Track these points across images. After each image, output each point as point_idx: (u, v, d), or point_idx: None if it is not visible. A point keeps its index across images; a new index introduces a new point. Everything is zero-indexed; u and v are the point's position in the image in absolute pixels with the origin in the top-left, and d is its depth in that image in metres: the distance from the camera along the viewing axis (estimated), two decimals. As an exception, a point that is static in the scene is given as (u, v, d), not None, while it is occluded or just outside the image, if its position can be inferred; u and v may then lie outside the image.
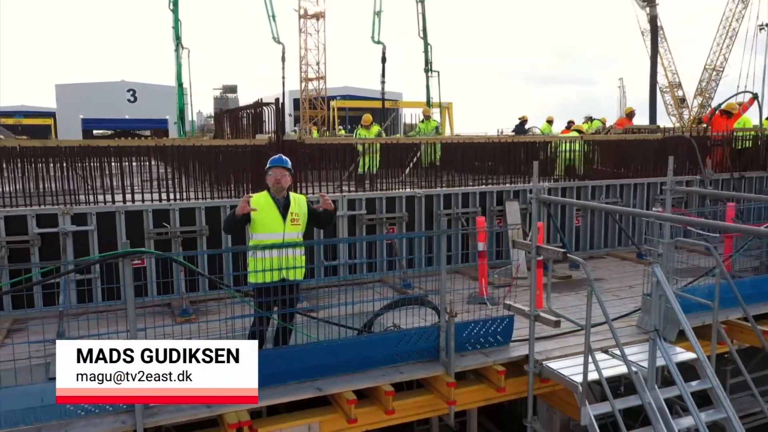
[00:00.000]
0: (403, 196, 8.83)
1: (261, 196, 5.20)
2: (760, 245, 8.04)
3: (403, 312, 5.68)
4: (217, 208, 7.71)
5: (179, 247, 7.46)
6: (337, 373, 5.00)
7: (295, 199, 5.30)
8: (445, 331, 5.20)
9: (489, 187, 9.57)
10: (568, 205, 10.04)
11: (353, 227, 8.54)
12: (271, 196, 5.19)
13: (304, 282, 5.62)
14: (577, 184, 10.18)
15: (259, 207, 5.09)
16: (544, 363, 5.38)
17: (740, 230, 6.74)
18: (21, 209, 6.98)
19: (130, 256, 4.26)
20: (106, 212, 7.22)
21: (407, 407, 5.21)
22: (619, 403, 4.90)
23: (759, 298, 7.13)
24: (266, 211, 5.11)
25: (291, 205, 5.20)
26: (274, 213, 5.13)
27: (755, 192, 11.78)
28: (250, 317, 5.28)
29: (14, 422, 4.16)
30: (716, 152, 11.96)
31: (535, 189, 5.61)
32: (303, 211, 5.28)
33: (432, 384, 5.32)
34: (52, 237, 6.96)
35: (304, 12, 49.59)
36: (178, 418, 4.45)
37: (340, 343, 5.16)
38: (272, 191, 5.21)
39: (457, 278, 7.86)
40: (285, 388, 4.83)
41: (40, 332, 5.81)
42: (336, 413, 4.93)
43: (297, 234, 5.19)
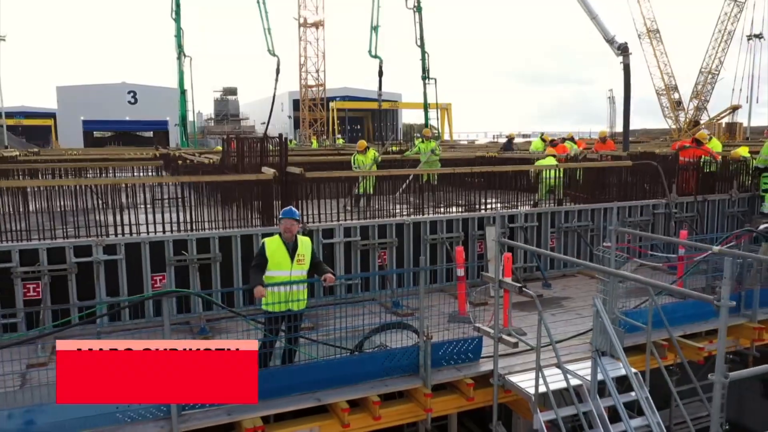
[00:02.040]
0: (393, 223, 9.90)
1: (274, 240, 6.27)
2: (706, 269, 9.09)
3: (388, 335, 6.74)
4: (229, 237, 8.77)
5: (196, 272, 8.53)
6: (333, 386, 6.07)
7: (302, 241, 6.37)
8: (423, 350, 6.27)
9: (471, 213, 10.63)
10: (546, 223, 11.12)
11: (349, 251, 9.61)
12: (282, 240, 6.25)
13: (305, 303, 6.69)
14: (552, 210, 11.25)
15: (272, 250, 6.17)
16: (506, 377, 6.45)
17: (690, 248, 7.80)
18: (60, 241, 8.05)
19: (171, 294, 5.32)
20: (133, 243, 8.29)
21: (391, 414, 6.29)
22: (565, 411, 5.97)
23: (701, 317, 8.21)
24: (278, 253, 6.19)
25: (299, 248, 6.27)
26: (284, 254, 6.20)
27: (718, 213, 12.87)
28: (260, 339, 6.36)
29: (77, 428, 5.21)
30: (684, 176, 13.03)
31: (497, 233, 6.63)
32: (308, 252, 6.35)
33: (412, 395, 6.39)
34: (86, 265, 8.02)
35: (303, 21, 50.80)
36: (205, 423, 5.51)
37: (335, 361, 6.24)
38: (283, 237, 6.27)
39: (441, 296, 8.97)
40: (290, 399, 5.91)
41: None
42: (332, 419, 6.01)
43: (302, 272, 6.26)
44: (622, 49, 13.13)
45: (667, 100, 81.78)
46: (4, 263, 7.66)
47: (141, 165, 15.98)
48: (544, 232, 11.08)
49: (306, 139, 49.71)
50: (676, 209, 12.18)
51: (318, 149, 31.68)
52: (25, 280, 7.76)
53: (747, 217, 12.88)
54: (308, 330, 7.37)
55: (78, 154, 27.95)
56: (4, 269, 7.65)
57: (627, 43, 13.24)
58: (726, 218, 12.87)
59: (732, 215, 12.97)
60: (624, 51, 13.06)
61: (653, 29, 76.72)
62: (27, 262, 7.76)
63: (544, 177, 11.96)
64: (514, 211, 10.83)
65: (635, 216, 11.94)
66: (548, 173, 11.91)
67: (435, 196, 11.53)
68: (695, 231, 12.31)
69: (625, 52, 13.05)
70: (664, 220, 12.18)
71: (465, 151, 24.01)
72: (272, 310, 6.20)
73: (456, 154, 18.13)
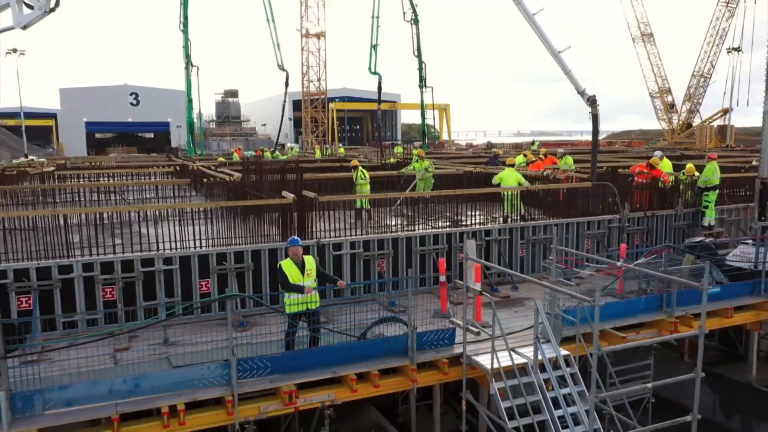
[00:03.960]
0: (389, 237, 12.17)
1: (287, 263, 8.60)
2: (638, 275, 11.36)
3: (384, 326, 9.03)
4: (258, 251, 11.03)
5: (234, 278, 10.80)
6: (344, 363, 8.33)
7: (308, 259, 8.71)
8: (411, 338, 8.54)
9: (454, 229, 12.91)
10: (516, 236, 13.38)
11: (353, 261, 11.87)
12: (294, 262, 8.56)
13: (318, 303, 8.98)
14: (521, 225, 13.52)
15: (287, 269, 8.51)
16: (472, 357, 8.71)
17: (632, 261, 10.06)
18: (129, 254, 10.32)
19: (233, 299, 7.59)
20: (185, 255, 10.56)
21: (387, 384, 8.57)
22: (512, 381, 8.23)
23: (629, 314, 10.49)
24: (292, 271, 8.50)
25: (306, 265, 8.60)
26: (296, 271, 8.52)
27: (665, 226, 15.14)
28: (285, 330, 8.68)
29: (167, 390, 7.47)
30: (638, 195, 15.31)
31: (467, 252, 8.89)
32: (313, 266, 8.69)
33: (403, 370, 8.66)
34: (150, 274, 10.29)
35: (306, 32, 53.05)
36: (254, 387, 7.77)
37: (346, 346, 8.53)
38: (293, 259, 8.57)
39: (428, 297, 11.27)
40: (313, 372, 8.16)
41: (152, 338, 9.23)
42: (344, 387, 8.27)
43: (312, 281, 8.55)
44: (591, 101, 15.30)
45: (660, 102, 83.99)
46: (88, 272, 9.92)
47: (172, 184, 18.18)
48: (515, 243, 13.35)
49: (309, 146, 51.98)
50: (627, 223, 14.45)
51: (322, 159, 34.01)
52: (105, 285, 10.02)
53: (690, 230, 15.16)
54: (325, 323, 9.65)
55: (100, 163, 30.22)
56: (89, 277, 9.91)
57: (596, 95, 15.39)
58: (672, 231, 15.15)
59: (678, 228, 15.25)
60: (593, 103, 15.23)
61: (647, 33, 78.97)
62: (105, 271, 10.03)
63: (506, 194, 14.21)
64: (489, 227, 13.12)
65: (593, 229, 14.22)
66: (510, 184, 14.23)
67: (428, 209, 13.88)
68: (645, 242, 14.59)
69: (594, 104, 15.22)
70: (618, 232, 14.46)
71: (456, 162, 26.32)
72: (294, 310, 8.55)
73: (446, 170, 20.36)
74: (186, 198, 17.68)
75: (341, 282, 8.78)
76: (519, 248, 13.36)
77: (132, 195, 18.20)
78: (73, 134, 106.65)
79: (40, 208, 15.70)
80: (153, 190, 18.15)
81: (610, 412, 8.36)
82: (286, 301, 8.60)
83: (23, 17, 16.28)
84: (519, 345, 9.00)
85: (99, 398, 7.14)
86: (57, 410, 6.99)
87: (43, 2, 16.47)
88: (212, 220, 11.65)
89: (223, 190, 17.03)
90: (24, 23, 16.42)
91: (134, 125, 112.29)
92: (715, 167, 15.22)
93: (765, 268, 11.62)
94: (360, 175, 16.11)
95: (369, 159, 30.66)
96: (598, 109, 15.33)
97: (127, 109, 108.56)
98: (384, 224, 13.61)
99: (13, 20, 16.39)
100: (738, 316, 11.44)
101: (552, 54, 16.22)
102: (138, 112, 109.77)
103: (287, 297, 8.55)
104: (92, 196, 16.90)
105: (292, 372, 8.04)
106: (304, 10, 50.94)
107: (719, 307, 11.24)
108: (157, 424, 7.32)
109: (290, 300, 8.49)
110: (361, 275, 11.92)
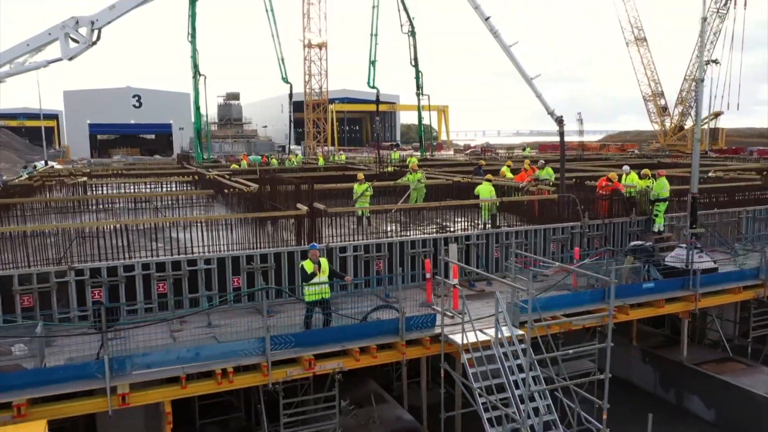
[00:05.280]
0: (385, 242, 14.77)
1: (308, 263, 11.19)
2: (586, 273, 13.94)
3: (381, 311, 11.63)
4: (279, 253, 13.61)
5: (260, 275, 13.39)
6: (350, 340, 10.91)
7: (322, 260, 11.30)
8: (401, 321, 11.13)
9: (439, 235, 15.51)
10: (491, 240, 15.97)
11: (356, 261, 14.46)
12: (312, 261, 11.15)
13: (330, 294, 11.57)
14: (496, 231, 16.12)
15: (309, 268, 11.08)
16: (448, 335, 11.30)
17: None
18: (177, 257, 12.91)
19: (265, 289, 10.21)
20: (222, 257, 13.15)
21: (383, 356, 11.17)
22: (477, 354, 10.81)
23: (576, 304, 13.04)
24: (311, 269, 11.09)
25: (321, 265, 11.20)
26: (314, 270, 11.10)
27: (621, 232, 17.73)
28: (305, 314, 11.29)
29: (220, 358, 10.05)
30: (599, 204, 17.92)
31: (449, 254, 11.48)
32: (326, 266, 11.32)
33: (394, 346, 11.25)
34: (194, 272, 12.88)
35: (308, 42, 55.61)
36: (282, 356, 10.36)
37: (351, 326, 11.14)
38: (311, 259, 11.16)
39: (416, 290, 13.89)
40: (327, 346, 10.75)
41: (197, 322, 11.86)
42: (350, 358, 10.86)
43: (325, 278, 11.16)
44: (558, 121, 17.91)
45: (653, 106, 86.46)
46: (146, 271, 12.52)
47: (197, 195, 20.76)
48: (491, 247, 15.95)
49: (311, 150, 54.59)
50: (588, 229, 17.05)
51: (325, 166, 36.60)
52: (158, 280, 12.62)
53: (643, 235, 17.75)
54: (334, 310, 12.26)
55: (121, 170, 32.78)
56: (146, 275, 12.51)
57: (563, 116, 18.03)
58: (627, 236, 17.75)
59: (632, 233, 17.85)
60: (560, 122, 17.84)
61: (641, 38, 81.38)
62: (158, 269, 12.63)
63: (484, 205, 16.84)
64: (468, 233, 15.73)
65: (558, 234, 16.82)
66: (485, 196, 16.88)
67: (419, 215, 16.49)
68: (604, 246, 17.18)
69: (561, 123, 17.83)
70: (580, 237, 17.06)
71: (447, 171, 28.92)
72: (312, 299, 11.16)
73: (437, 181, 22.98)
74: (210, 206, 20.31)
75: (347, 277, 11.40)
76: (494, 250, 15.96)
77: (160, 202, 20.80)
78: (77, 136, 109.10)
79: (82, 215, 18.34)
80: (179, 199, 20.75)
81: (562, 383, 10.96)
82: (305, 293, 11.20)
83: (70, 50, 19.08)
84: (486, 327, 11.59)
85: (170, 363, 9.73)
86: (140, 371, 9.58)
87: (87, 38, 19.29)
88: (235, 227, 14.31)
89: (242, 200, 19.65)
90: (70, 56, 19.21)
91: (136, 127, 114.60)
92: (665, 183, 17.79)
93: (693, 267, 14.22)
94: (366, 189, 18.61)
95: (369, 167, 33.24)
96: (564, 128, 17.93)
97: (130, 111, 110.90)
98: (382, 230, 16.22)
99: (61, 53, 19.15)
100: (669, 307, 14.03)
101: (525, 80, 18.83)
102: (140, 114, 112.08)
103: (306, 289, 11.15)
104: (128, 205, 19.52)
105: (310, 345, 10.63)
106: (307, 22, 53.49)
107: (653, 299, 13.82)
108: (213, 382, 9.92)
109: (309, 291, 11.10)
110: (363, 272, 14.51)
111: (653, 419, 11.02)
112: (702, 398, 14.37)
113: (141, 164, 49.82)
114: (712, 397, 14.13)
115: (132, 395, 9.29)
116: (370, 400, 12.77)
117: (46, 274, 11.81)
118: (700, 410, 14.41)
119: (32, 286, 11.69)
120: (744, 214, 19.98)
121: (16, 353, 9.47)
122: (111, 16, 18.36)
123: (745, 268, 15.49)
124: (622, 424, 12.31)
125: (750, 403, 13.17)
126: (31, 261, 12.25)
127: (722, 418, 13.90)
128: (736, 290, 14.86)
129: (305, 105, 58.66)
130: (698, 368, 14.55)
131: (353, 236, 15.26)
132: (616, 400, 11.92)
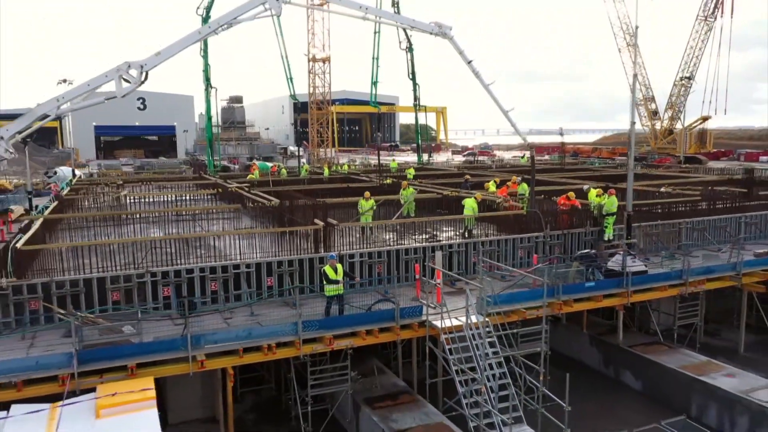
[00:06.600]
0: (384, 250, 18.67)
1: (328, 267, 15.07)
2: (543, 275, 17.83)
3: (382, 304, 15.58)
4: (302, 259, 17.49)
5: (287, 276, 17.28)
6: (358, 324, 14.82)
7: (338, 266, 15.19)
8: (396, 311, 15.02)
9: (428, 243, 19.42)
10: (470, 248, 19.86)
11: (362, 265, 18.35)
12: (331, 266, 15.05)
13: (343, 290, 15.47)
14: (474, 240, 20.01)
15: (329, 271, 14.97)
16: (432, 321, 15.19)
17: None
18: (224, 262, 16.79)
19: (297, 287, 14.16)
20: (258, 262, 17.04)
21: (383, 337, 15.12)
22: (454, 334, 14.69)
23: (533, 299, 16.88)
24: (330, 272, 15.01)
25: (338, 269, 15.09)
26: (332, 272, 15.05)
27: (578, 241, 21.64)
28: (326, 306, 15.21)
29: (265, 336, 13.92)
30: (561, 218, 21.82)
31: (435, 260, 15.41)
32: (341, 270, 15.22)
33: (392, 329, 15.16)
34: (237, 274, 16.76)
35: (312, 57, 59.35)
36: (311, 335, 14.25)
37: (359, 314, 15.08)
38: (330, 265, 15.06)
39: (408, 288, 17.83)
40: (341, 329, 14.66)
41: (242, 312, 15.80)
42: (359, 338, 14.77)
43: (342, 279, 15.06)
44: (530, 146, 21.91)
45: (644, 110, 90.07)
46: (202, 273, 16.42)
47: (223, 209, 24.66)
48: (469, 253, 19.84)
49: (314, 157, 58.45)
50: (549, 239, 20.95)
51: (331, 177, 40.46)
52: (211, 280, 16.50)
53: (595, 243, 21.64)
54: (347, 302, 16.16)
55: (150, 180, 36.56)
56: (202, 276, 16.41)
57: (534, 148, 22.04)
58: (583, 244, 21.64)
59: (587, 242, 21.74)
60: (531, 148, 21.83)
61: (632, 44, 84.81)
62: (212, 272, 16.51)
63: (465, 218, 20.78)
64: (451, 242, 19.65)
65: (525, 243, 20.72)
66: (467, 211, 20.81)
67: (413, 226, 20.41)
68: (562, 252, 21.08)
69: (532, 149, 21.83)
70: (543, 245, 20.96)
71: (438, 184, 32.84)
72: (330, 294, 15.09)
73: (428, 195, 26.92)
74: (237, 218, 24.27)
75: (357, 278, 15.32)
76: (472, 256, 19.88)
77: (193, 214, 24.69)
78: (83, 137, 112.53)
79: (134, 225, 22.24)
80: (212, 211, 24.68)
81: (511, 352, 14.85)
82: (326, 290, 15.11)
83: (122, 89, 23.08)
84: (461, 315, 15.47)
85: (230, 340, 13.62)
86: (210, 345, 13.46)
87: (137, 78, 23.32)
88: (261, 236, 18.25)
89: (264, 212, 23.55)
90: (123, 94, 23.21)
91: (140, 129, 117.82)
92: (614, 200, 21.69)
93: (626, 270, 18.11)
94: (372, 206, 22.46)
95: (370, 178, 37.16)
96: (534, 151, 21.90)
97: (134, 113, 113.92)
98: (381, 239, 20.13)
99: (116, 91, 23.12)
100: (606, 301, 17.93)
101: (502, 112, 22.78)
102: (144, 116, 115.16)
103: (327, 287, 15.05)
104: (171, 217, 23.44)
105: (330, 328, 14.51)
106: (311, 37, 57.25)
107: (593, 294, 17.72)
108: (261, 354, 13.81)
109: (328, 288, 15.01)
110: (367, 274, 18.40)
111: (596, 391, 14.94)
112: (632, 373, 18.31)
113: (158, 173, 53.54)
114: (640, 371, 18.06)
115: (207, 362, 13.18)
116: (373, 371, 16.66)
117: (129, 275, 15.72)
118: (631, 382, 18.35)
119: (120, 285, 15.59)
120: (684, 225, 23.88)
121: (125, 332, 13.34)
122: (157, 61, 22.19)
123: (671, 270, 19.39)
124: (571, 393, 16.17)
125: (666, 375, 17.09)
126: (117, 266, 16.15)
127: (647, 387, 17.83)
128: (664, 288, 18.76)
129: (309, 117, 62.43)
130: (630, 350, 18.48)
131: (359, 245, 19.15)
132: (570, 377, 15.05)
